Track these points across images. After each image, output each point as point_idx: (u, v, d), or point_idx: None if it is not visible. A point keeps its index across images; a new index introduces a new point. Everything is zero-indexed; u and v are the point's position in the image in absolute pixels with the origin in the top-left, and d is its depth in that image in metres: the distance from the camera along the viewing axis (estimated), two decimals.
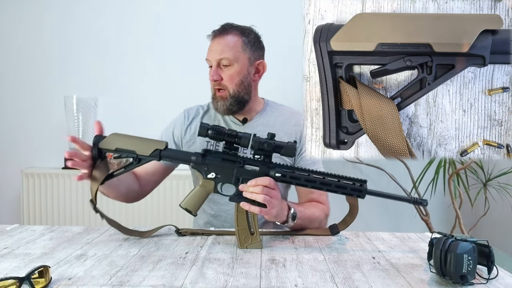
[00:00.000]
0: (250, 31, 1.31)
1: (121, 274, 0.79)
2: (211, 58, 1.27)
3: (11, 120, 2.40)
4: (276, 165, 1.00)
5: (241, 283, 0.75)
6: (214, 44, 1.28)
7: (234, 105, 1.28)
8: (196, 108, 1.40)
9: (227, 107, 1.28)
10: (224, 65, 1.26)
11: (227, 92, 1.27)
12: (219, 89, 1.28)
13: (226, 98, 1.27)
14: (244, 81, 1.28)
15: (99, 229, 1.11)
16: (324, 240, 1.05)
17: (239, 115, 1.34)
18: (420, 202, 0.98)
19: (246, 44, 1.28)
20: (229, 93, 1.27)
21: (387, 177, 2.17)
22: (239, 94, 1.28)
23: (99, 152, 1.01)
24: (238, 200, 0.99)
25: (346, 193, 0.98)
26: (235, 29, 1.29)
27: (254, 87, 1.33)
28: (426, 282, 0.77)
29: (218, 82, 1.27)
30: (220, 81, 1.27)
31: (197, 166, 1.01)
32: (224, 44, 1.26)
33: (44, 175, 2.25)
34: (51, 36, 2.36)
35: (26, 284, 0.68)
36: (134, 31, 2.35)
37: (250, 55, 1.29)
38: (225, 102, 1.27)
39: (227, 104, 1.27)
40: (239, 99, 1.28)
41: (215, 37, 1.28)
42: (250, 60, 1.29)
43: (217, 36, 1.28)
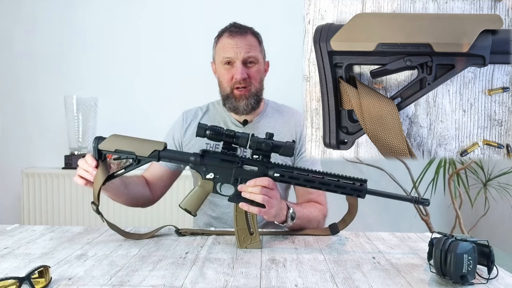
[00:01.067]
0: (258, 32, 1.34)
1: (121, 274, 0.79)
2: (237, 56, 1.25)
3: (11, 120, 2.40)
4: (275, 165, 0.99)
5: (241, 283, 0.75)
6: (237, 42, 1.25)
7: (256, 103, 1.29)
8: (195, 110, 1.40)
9: (252, 106, 1.28)
10: (251, 62, 1.27)
11: (252, 90, 1.27)
12: (242, 87, 1.26)
13: (250, 96, 1.27)
14: (262, 80, 1.32)
15: (99, 229, 1.11)
16: (324, 240, 1.05)
17: (240, 117, 1.33)
18: (421, 201, 0.98)
19: (260, 44, 1.32)
20: (253, 92, 1.28)
21: (387, 177, 2.17)
22: (258, 92, 1.30)
23: (99, 154, 1.01)
24: (237, 200, 0.98)
25: (346, 193, 0.98)
26: (249, 29, 1.31)
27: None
28: (426, 282, 0.77)
29: (245, 80, 1.26)
30: (248, 79, 1.26)
31: (196, 167, 1.01)
32: (248, 43, 1.26)
33: (44, 175, 2.25)
34: (51, 36, 2.36)
35: (26, 284, 0.69)
36: (134, 31, 2.35)
37: (263, 54, 1.33)
38: (248, 100, 1.27)
39: (251, 102, 1.28)
40: (259, 97, 1.31)
41: (236, 35, 1.26)
42: (263, 59, 1.33)
43: (238, 33, 1.26)
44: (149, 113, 2.34)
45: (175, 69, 2.35)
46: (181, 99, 2.16)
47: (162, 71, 2.35)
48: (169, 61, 2.35)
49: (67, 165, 2.27)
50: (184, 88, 2.31)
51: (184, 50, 2.33)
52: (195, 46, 2.29)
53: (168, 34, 2.34)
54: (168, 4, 2.34)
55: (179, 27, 2.33)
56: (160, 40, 2.34)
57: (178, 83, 2.34)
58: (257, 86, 1.28)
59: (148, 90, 2.36)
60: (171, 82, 2.35)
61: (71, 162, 2.27)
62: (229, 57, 1.25)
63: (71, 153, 2.31)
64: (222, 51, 1.27)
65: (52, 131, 2.37)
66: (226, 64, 1.27)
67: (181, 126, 1.37)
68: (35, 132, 2.39)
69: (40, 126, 2.38)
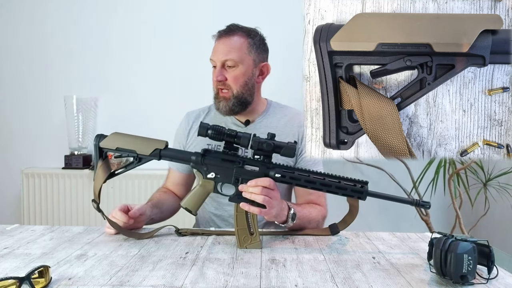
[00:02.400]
0: (256, 33, 1.31)
1: (121, 274, 0.79)
2: (216, 59, 1.27)
3: (11, 120, 2.40)
4: (276, 165, 0.99)
5: (241, 283, 0.75)
6: (219, 45, 1.27)
7: (237, 106, 1.28)
8: (198, 111, 1.42)
9: (230, 108, 1.28)
10: (229, 66, 1.26)
11: (230, 93, 1.27)
12: (223, 89, 1.27)
13: (229, 98, 1.27)
14: (248, 83, 1.28)
15: (99, 229, 1.11)
16: (324, 240, 1.05)
17: (242, 117, 1.33)
18: (422, 204, 0.97)
19: (252, 46, 1.28)
20: (233, 94, 1.27)
21: (387, 177, 2.17)
22: (242, 95, 1.27)
23: (100, 152, 1.02)
24: (237, 200, 0.99)
25: (347, 195, 0.98)
26: (241, 30, 1.29)
27: (257, 88, 1.33)
28: (426, 282, 0.77)
29: (222, 82, 1.26)
30: (224, 81, 1.26)
31: (197, 166, 1.01)
32: (230, 45, 1.26)
33: (44, 175, 2.25)
34: (51, 36, 2.36)
35: (26, 284, 0.68)
36: (134, 31, 2.35)
37: (255, 57, 1.29)
38: (227, 102, 1.27)
39: (229, 104, 1.27)
40: (242, 100, 1.28)
41: (221, 38, 1.28)
42: (255, 62, 1.29)
43: (223, 36, 1.27)
44: (149, 113, 2.34)
45: (175, 69, 2.35)
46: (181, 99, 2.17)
47: (162, 71, 2.36)
48: (169, 61, 2.35)
49: (67, 165, 2.28)
50: (184, 88, 2.32)
51: (184, 50, 2.33)
52: (195, 46, 2.29)
53: (168, 34, 2.34)
54: (168, 4, 2.33)
55: (179, 27, 2.33)
56: (161, 40, 2.35)
57: (178, 83, 2.34)
58: (237, 89, 1.26)
59: (148, 90, 2.36)
60: (171, 82, 2.35)
61: (71, 162, 2.27)
62: (211, 59, 1.29)
63: (71, 153, 2.31)
64: (211, 53, 1.30)
65: (52, 131, 2.37)
66: (213, 66, 1.29)
67: (184, 129, 1.39)
68: (35, 132, 2.39)
69: (40, 126, 2.39)
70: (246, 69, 1.27)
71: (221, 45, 1.27)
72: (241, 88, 1.27)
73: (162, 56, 2.35)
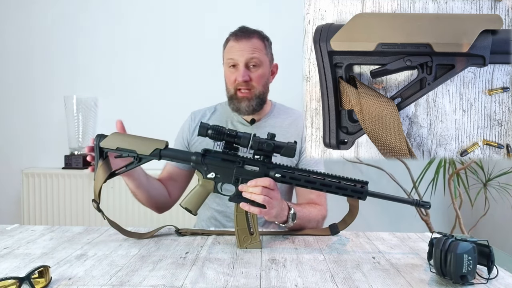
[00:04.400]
0: (266, 35, 1.36)
1: (121, 274, 0.79)
2: (240, 58, 1.28)
3: (11, 120, 2.40)
4: (276, 165, 0.99)
5: (241, 283, 0.75)
6: (240, 45, 1.29)
7: (258, 105, 1.32)
8: (204, 110, 1.43)
9: (253, 107, 1.31)
10: (253, 65, 1.29)
11: (253, 93, 1.30)
12: (246, 89, 1.29)
13: (252, 98, 1.30)
14: (267, 83, 1.35)
15: (99, 229, 1.11)
16: (324, 240, 1.05)
17: (248, 116, 1.35)
18: (422, 204, 0.98)
19: (267, 48, 1.34)
20: (255, 94, 1.30)
21: (387, 177, 2.17)
22: (263, 94, 1.32)
23: (101, 151, 1.01)
24: (237, 200, 0.99)
25: (347, 195, 0.98)
26: (256, 32, 1.33)
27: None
28: (426, 282, 0.77)
29: (246, 83, 1.29)
30: (249, 81, 1.29)
31: (197, 166, 1.01)
32: (253, 45, 1.29)
33: (44, 175, 2.25)
34: (51, 36, 2.36)
35: (26, 284, 0.68)
36: (134, 31, 2.35)
37: (270, 58, 1.35)
38: (250, 102, 1.30)
39: (253, 104, 1.30)
40: (263, 99, 1.33)
41: (241, 38, 1.30)
42: (270, 63, 1.35)
43: (242, 37, 1.30)
44: (149, 113, 2.33)
45: (175, 69, 2.34)
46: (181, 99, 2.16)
47: (162, 71, 2.35)
48: (169, 61, 2.35)
49: (67, 165, 2.28)
50: (184, 88, 2.31)
51: (184, 50, 2.33)
52: (195, 46, 2.29)
53: (169, 34, 2.34)
54: (168, 4, 2.34)
55: (179, 28, 2.33)
56: (161, 40, 2.34)
57: (178, 83, 2.34)
58: (260, 89, 1.31)
59: (148, 90, 2.36)
60: (171, 82, 2.35)
61: (71, 162, 2.27)
62: (233, 59, 1.30)
63: (71, 153, 2.31)
64: (227, 53, 1.32)
65: (52, 131, 2.37)
66: (231, 66, 1.31)
67: (189, 126, 1.40)
68: (35, 132, 2.39)
69: (40, 126, 2.38)
70: (266, 69, 1.32)
71: (242, 45, 1.29)
72: (263, 87, 1.32)
73: (162, 56, 2.35)
